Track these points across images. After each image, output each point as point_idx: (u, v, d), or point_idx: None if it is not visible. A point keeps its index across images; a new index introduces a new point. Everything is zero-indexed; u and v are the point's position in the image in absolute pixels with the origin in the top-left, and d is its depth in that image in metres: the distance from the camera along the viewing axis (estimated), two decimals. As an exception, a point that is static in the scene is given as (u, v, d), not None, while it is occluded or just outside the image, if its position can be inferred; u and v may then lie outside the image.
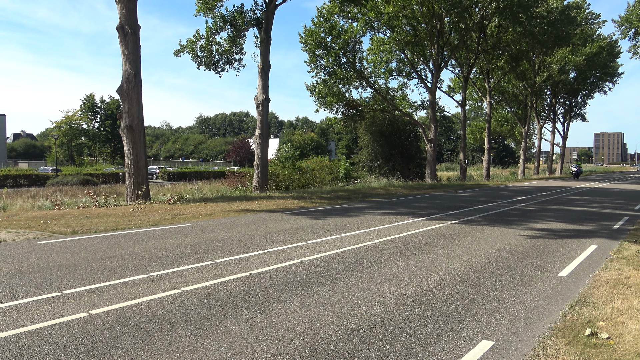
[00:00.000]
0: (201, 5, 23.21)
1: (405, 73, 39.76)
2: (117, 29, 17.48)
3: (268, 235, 10.53)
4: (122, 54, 17.56)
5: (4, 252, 8.44)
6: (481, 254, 9.00)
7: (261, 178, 23.24)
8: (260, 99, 23.11)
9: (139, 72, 17.66)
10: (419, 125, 40.48)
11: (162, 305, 5.59)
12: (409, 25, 34.44)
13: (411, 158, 42.74)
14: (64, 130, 75.26)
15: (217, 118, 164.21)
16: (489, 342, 4.73)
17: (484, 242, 10.29)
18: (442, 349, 4.54)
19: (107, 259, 7.96)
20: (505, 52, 41.10)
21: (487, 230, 12.16)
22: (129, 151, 17.65)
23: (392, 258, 8.46)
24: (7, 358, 4.09)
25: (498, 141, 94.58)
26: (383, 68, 38.55)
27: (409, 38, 34.81)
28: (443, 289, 6.53)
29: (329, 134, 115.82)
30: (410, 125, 42.51)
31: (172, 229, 11.33)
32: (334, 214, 14.73)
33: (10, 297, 5.78)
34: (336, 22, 32.67)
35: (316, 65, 33.45)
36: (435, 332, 4.96)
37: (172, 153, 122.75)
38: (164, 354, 4.25)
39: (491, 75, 44.16)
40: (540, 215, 15.93)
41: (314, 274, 7.16)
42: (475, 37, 38.19)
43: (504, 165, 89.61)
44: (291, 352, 4.35)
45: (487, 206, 18.32)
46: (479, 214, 15.71)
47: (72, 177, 40.92)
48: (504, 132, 65.99)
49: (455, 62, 42.90)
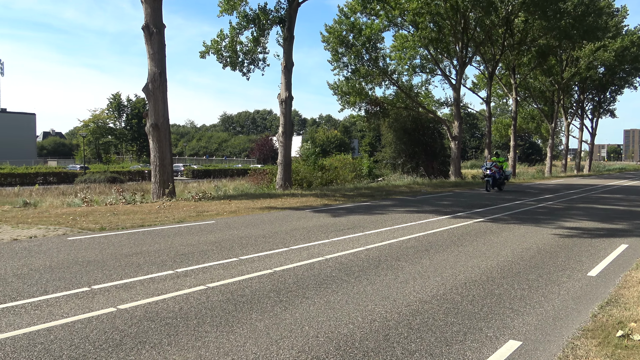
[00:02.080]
0: (225, 6, 23.35)
1: (428, 70, 39.38)
2: (142, 29, 17.72)
3: (292, 233, 10.56)
4: (148, 53, 17.80)
5: (35, 247, 8.65)
6: (507, 253, 8.88)
7: (284, 176, 23.32)
8: (284, 97, 23.17)
9: (164, 71, 17.87)
10: (443, 122, 40.09)
11: (188, 301, 5.65)
12: (432, 21, 34.08)
13: (435, 155, 42.34)
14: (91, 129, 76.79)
15: (241, 116, 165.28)
16: (517, 342, 4.66)
17: (510, 241, 10.14)
18: (468, 348, 4.49)
19: (134, 255, 8.09)
20: (531, 48, 40.34)
21: (514, 228, 11.99)
22: (155, 149, 17.90)
23: (416, 256, 8.41)
24: (39, 351, 4.19)
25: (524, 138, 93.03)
26: (406, 65, 38.27)
27: (432, 35, 34.43)
28: (469, 288, 6.46)
29: (352, 131, 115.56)
30: (434, 122, 42.11)
31: (197, 226, 11.46)
32: (358, 212, 14.70)
33: (42, 291, 5.92)
34: (357, 19, 32.55)
35: (339, 63, 33.39)
36: (461, 331, 4.91)
37: (197, 151, 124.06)
38: (190, 349, 4.30)
39: (517, 71, 43.42)
40: (569, 213, 15.63)
41: (338, 272, 7.15)
42: (500, 33, 37.58)
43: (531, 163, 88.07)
44: (316, 349, 4.36)
45: (513, 204, 18.05)
46: (505, 212, 15.49)
47: (99, 175, 41.72)
48: (530, 129, 64.90)
49: (480, 58, 42.28)
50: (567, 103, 56.46)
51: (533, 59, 42.24)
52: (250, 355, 4.21)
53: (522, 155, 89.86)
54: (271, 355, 4.21)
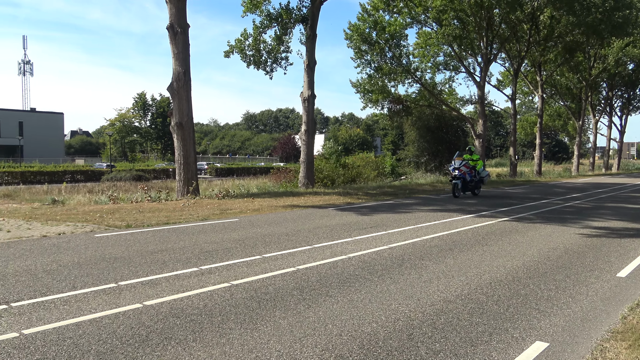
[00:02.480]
0: (248, 5, 23.49)
1: (452, 67, 38.98)
2: (167, 29, 17.93)
3: (315, 231, 10.58)
4: (172, 52, 18.01)
5: (64, 244, 8.83)
6: (534, 253, 8.74)
7: (307, 174, 23.36)
8: (306, 95, 23.21)
9: (188, 71, 18.07)
10: (466, 120, 39.69)
11: (212, 298, 5.70)
12: (456, 18, 33.71)
13: (459, 154, 41.93)
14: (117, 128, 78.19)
15: (263, 114, 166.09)
16: (543, 344, 4.58)
17: (536, 240, 9.98)
18: (493, 349, 4.44)
19: (159, 252, 8.20)
20: (558, 44, 39.56)
21: (540, 228, 11.79)
22: (179, 148, 18.11)
23: (440, 255, 8.34)
24: (68, 345, 4.28)
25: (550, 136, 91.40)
26: (430, 62, 37.94)
27: (456, 31, 34.05)
28: (494, 288, 6.37)
29: (374, 129, 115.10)
30: (457, 120, 41.70)
31: (221, 224, 11.56)
32: (381, 210, 14.64)
33: (70, 287, 6.04)
34: (380, 17, 32.39)
35: (362, 61, 33.28)
36: (486, 331, 4.85)
37: (220, 149, 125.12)
38: (214, 346, 4.34)
39: (543, 68, 42.66)
40: (597, 212, 15.31)
41: (361, 270, 7.14)
42: (526, 29, 36.96)
43: (557, 161, 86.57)
44: (339, 348, 4.35)
45: (539, 203, 17.76)
46: (530, 211, 15.25)
47: (125, 173, 42.42)
48: (556, 127, 63.78)
49: (505, 55, 41.64)
50: (595, 100, 55.28)
51: (559, 55, 41.41)
52: (274, 352, 4.23)
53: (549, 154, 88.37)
54: (295, 353, 4.22)
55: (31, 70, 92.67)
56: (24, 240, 9.23)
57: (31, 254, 7.96)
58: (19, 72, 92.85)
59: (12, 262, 7.35)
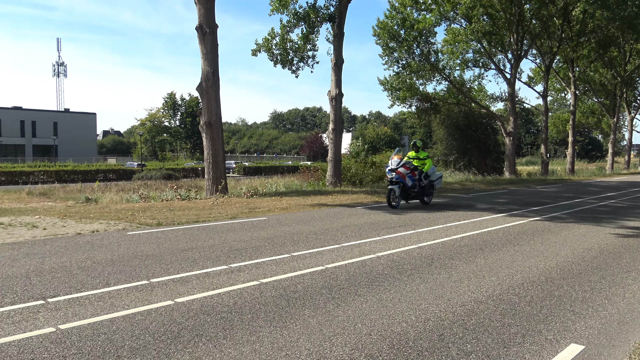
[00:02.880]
0: (275, 4, 23.58)
1: (482, 64, 38.41)
2: (196, 29, 18.14)
3: (343, 230, 10.56)
4: (201, 53, 18.21)
5: (97, 241, 9.03)
6: (567, 253, 8.54)
7: (334, 173, 23.34)
8: (334, 93, 23.18)
9: (216, 70, 18.24)
10: (496, 118, 39.08)
11: (242, 295, 5.75)
12: (486, 14, 33.19)
13: (488, 152, 41.27)
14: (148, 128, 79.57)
15: (291, 113, 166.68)
16: (579, 346, 4.47)
17: (570, 240, 9.75)
18: (527, 350, 4.35)
19: (189, 250, 8.31)
20: (591, 39, 38.56)
21: (574, 227, 11.52)
22: (208, 147, 18.32)
23: (470, 255, 8.22)
24: (102, 341, 4.37)
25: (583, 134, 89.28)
26: (458, 59, 37.46)
27: (486, 28, 33.54)
28: (526, 289, 6.25)
29: (402, 128, 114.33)
30: (487, 118, 41.08)
31: (249, 222, 11.64)
32: (409, 209, 14.52)
33: (104, 284, 6.17)
34: (408, 13, 32.12)
35: (390, 58, 33.07)
36: (519, 333, 4.75)
37: (248, 148, 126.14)
38: (245, 344, 4.37)
39: (576, 64, 41.65)
40: (633, 212, 14.88)
41: (390, 269, 7.09)
42: (558, 24, 36.15)
43: (590, 159, 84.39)
44: (369, 347, 4.33)
45: (573, 202, 17.36)
46: (563, 210, 14.91)
47: (155, 172, 43.14)
48: (590, 124, 62.28)
49: (536, 51, 40.82)
50: (630, 96, 53.71)
51: (593, 50, 40.35)
52: (304, 351, 4.23)
53: (582, 152, 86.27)
54: (324, 352, 4.22)
55: (65, 72, 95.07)
56: (60, 237, 9.48)
57: (66, 250, 8.16)
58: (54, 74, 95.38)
59: (48, 258, 7.55)
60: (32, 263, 7.23)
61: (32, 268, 6.92)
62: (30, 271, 6.75)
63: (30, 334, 4.48)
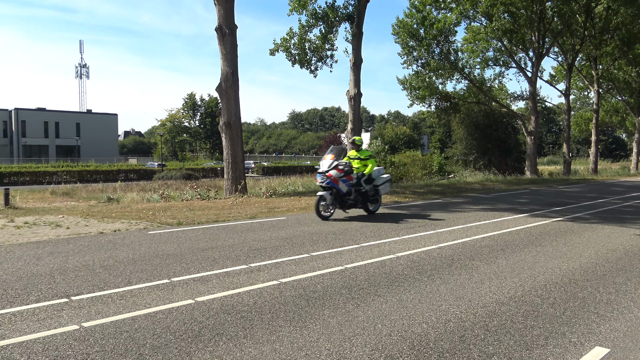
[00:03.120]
0: (294, 4, 23.63)
1: (502, 62, 38.01)
2: (215, 30, 18.27)
3: (362, 230, 10.53)
4: (221, 53, 18.33)
5: (119, 240, 9.15)
6: (591, 254, 8.39)
7: (353, 172, 23.27)
8: (353, 93, 23.14)
9: (236, 71, 18.34)
10: (517, 117, 38.61)
11: (262, 295, 5.77)
12: (506, 12, 32.80)
13: (509, 151, 40.80)
14: (168, 128, 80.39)
15: (309, 113, 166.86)
16: (604, 349, 4.38)
17: (593, 241, 9.58)
18: (550, 353, 4.28)
19: (209, 249, 8.37)
20: (615, 36, 37.83)
21: (597, 228, 11.32)
22: (227, 147, 18.43)
23: (491, 256, 8.13)
24: (125, 339, 4.42)
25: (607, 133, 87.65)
26: (478, 58, 37.11)
27: (507, 26, 33.14)
28: (549, 290, 6.16)
29: (421, 127, 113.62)
30: (508, 117, 40.62)
31: (268, 222, 11.68)
32: (429, 209, 14.42)
33: (126, 282, 6.25)
34: (429, 12, 31.90)
35: (409, 57, 32.89)
36: (542, 335, 4.68)
37: (267, 148, 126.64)
38: (265, 343, 4.38)
39: (599, 61, 40.94)
40: (658, 213, 14.56)
41: (410, 270, 7.05)
42: (580, 21, 35.57)
43: (614, 159, 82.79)
44: (389, 348, 4.31)
45: (596, 202, 17.06)
46: (586, 210, 14.66)
47: (175, 172, 43.57)
48: (613, 123, 61.07)
49: (558, 49, 40.22)
50: (656, 94, 52.52)
51: (617, 48, 39.59)
52: (324, 351, 4.23)
53: (605, 151, 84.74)
54: (344, 352, 4.21)
55: (87, 73, 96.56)
56: (82, 236, 9.62)
57: (89, 249, 8.29)
58: (76, 75, 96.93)
59: (71, 257, 7.67)
60: (56, 261, 7.36)
61: (56, 266, 7.04)
62: (54, 269, 6.86)
63: (54, 332, 4.55)
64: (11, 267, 6.97)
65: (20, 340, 4.34)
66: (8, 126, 70.25)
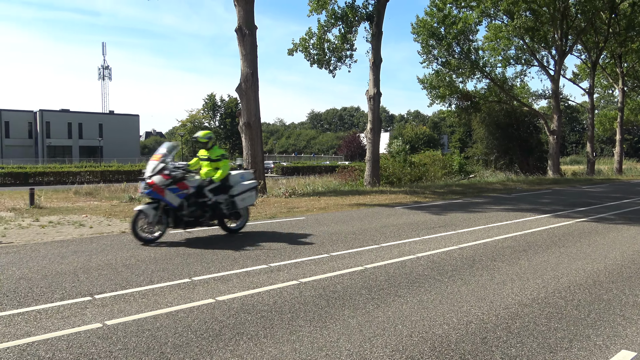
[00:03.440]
0: (314, 4, 23.65)
1: (524, 61, 37.50)
2: (235, 31, 18.36)
3: (382, 230, 10.49)
4: (240, 54, 18.42)
5: (141, 240, 9.24)
6: (616, 255, 8.22)
7: (373, 172, 23.21)
8: (372, 93, 23.07)
9: (256, 71, 18.41)
10: (539, 116, 38.07)
11: (281, 295, 5.78)
12: (528, 9, 32.36)
13: (531, 151, 40.24)
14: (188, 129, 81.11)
15: (328, 113, 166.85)
16: (630, 353, 4.28)
17: (619, 242, 9.39)
18: (574, 356, 4.20)
19: (230, 248, 8.40)
20: (640, 33, 37.03)
21: (623, 229, 11.09)
22: (247, 147, 18.51)
23: (513, 257, 8.02)
24: (147, 337, 4.47)
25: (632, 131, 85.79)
26: (500, 56, 36.67)
27: (529, 24, 32.69)
28: (573, 292, 6.05)
29: (441, 127, 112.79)
30: (529, 116, 40.08)
31: (288, 222, 11.70)
32: (449, 210, 14.30)
33: (148, 281, 6.32)
34: (450, 10, 31.63)
35: (429, 56, 32.67)
36: (566, 337, 4.60)
37: (286, 148, 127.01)
38: (285, 343, 4.38)
39: (624, 59, 40.10)
40: (686, 213, 14.21)
41: (430, 270, 6.99)
42: (605, 18, 34.90)
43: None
44: (410, 349, 4.28)
45: (621, 203, 16.72)
46: (611, 211, 14.38)
47: (196, 172, 43.91)
48: (639, 122, 59.76)
49: (582, 47, 39.54)
50: (683, 92, 51.29)
51: (643, 45, 38.74)
52: (344, 351, 4.22)
53: (630, 150, 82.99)
54: (365, 353, 4.19)
55: (110, 75, 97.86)
56: (105, 235, 9.76)
57: (112, 249, 8.40)
58: (99, 77, 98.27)
59: (94, 256, 7.79)
60: (80, 260, 7.48)
61: (80, 265, 7.16)
62: (78, 268, 6.98)
63: (78, 329, 4.62)
64: (36, 266, 7.11)
65: (45, 338, 4.42)
66: (33, 127, 71.73)
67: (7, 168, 40.23)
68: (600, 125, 57.80)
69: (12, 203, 16.22)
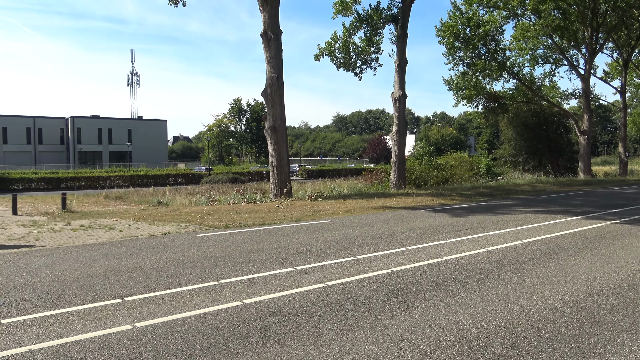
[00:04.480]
0: (339, 7, 23.67)
1: (553, 60, 36.78)
2: (261, 36, 18.52)
3: (408, 233, 10.41)
4: (266, 58, 18.56)
5: (169, 243, 9.39)
6: (651, 258, 7.98)
7: (398, 175, 23.08)
8: (397, 95, 22.96)
9: (281, 75, 18.52)
10: (569, 116, 37.27)
11: (308, 298, 5.78)
12: (556, 8, 31.74)
13: (560, 152, 39.41)
14: (215, 133, 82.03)
15: (353, 116, 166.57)
16: (668, 359, 4.15)
17: (653, 245, 9.11)
18: (608, 362, 4.09)
19: (256, 252, 8.46)
20: (675, 29, 35.93)
21: (657, 231, 10.76)
22: (273, 151, 18.63)
23: (543, 259, 7.86)
24: (175, 339, 4.52)
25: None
26: (527, 55, 36.05)
27: (557, 22, 32.06)
28: (606, 296, 5.90)
29: (467, 128, 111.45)
30: (559, 116, 39.26)
31: (314, 225, 11.72)
32: (477, 212, 14.11)
33: (176, 284, 6.40)
34: (475, 12, 31.24)
35: (454, 57, 32.34)
36: (599, 342, 4.48)
37: (311, 151, 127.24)
38: (312, 346, 4.38)
39: (658, 56, 39.01)
40: None
41: (458, 274, 6.90)
42: (637, 15, 34.00)
43: (675, 158, 78.63)
44: (438, 353, 4.23)
45: (656, 204, 16.23)
46: (645, 213, 13.98)
47: (222, 176, 44.37)
48: (674, 121, 57.94)
49: (613, 45, 38.58)
50: None
51: (677, 42, 37.59)
52: (371, 355, 4.19)
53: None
54: (392, 356, 4.16)
55: (138, 81, 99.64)
56: (134, 239, 9.93)
57: (141, 252, 8.54)
58: (128, 84, 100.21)
59: (124, 259, 7.93)
60: (110, 263, 7.62)
61: (110, 268, 7.30)
62: (109, 271, 7.11)
63: (109, 331, 4.71)
64: (69, 269, 7.27)
65: (77, 339, 4.51)
66: (65, 133, 73.51)
67: (40, 173, 41.27)
68: (633, 125, 56.25)
69: (45, 207, 16.65)
